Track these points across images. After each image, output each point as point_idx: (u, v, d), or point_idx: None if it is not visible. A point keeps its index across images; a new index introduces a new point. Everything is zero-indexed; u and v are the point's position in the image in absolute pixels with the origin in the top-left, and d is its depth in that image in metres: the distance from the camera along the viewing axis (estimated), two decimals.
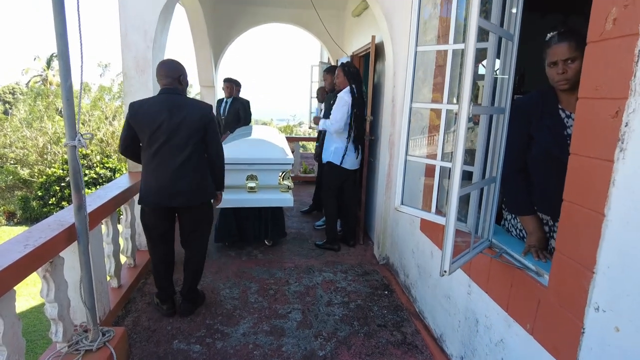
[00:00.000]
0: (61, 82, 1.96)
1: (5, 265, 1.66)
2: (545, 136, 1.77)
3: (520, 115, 1.85)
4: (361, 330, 2.78)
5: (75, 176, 2.07)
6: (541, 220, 1.90)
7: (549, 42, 1.72)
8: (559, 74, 1.70)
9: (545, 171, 1.81)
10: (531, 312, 1.68)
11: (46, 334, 6.13)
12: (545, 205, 1.85)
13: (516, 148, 1.88)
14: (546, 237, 1.88)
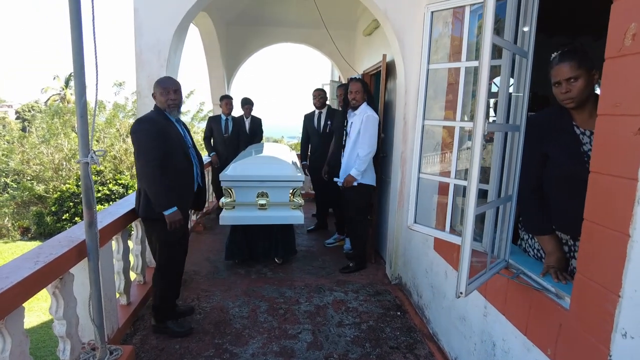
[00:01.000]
0: (76, 99, 1.99)
1: (14, 282, 1.65)
2: (561, 153, 1.73)
3: (535, 132, 1.82)
4: (373, 352, 2.70)
5: (87, 193, 2.08)
6: (560, 239, 1.84)
7: (552, 63, 1.71)
8: (562, 93, 1.69)
9: (562, 189, 1.76)
10: (552, 337, 1.61)
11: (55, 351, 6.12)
12: (564, 224, 1.80)
13: (531, 166, 1.84)
14: (566, 258, 1.82)
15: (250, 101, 6.03)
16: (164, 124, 2.62)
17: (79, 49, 1.93)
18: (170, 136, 2.63)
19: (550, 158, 1.78)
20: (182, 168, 2.69)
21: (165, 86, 2.68)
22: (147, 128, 2.56)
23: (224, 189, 3.67)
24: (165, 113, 2.70)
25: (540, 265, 1.90)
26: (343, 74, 7.39)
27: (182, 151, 2.69)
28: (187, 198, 2.78)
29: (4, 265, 1.82)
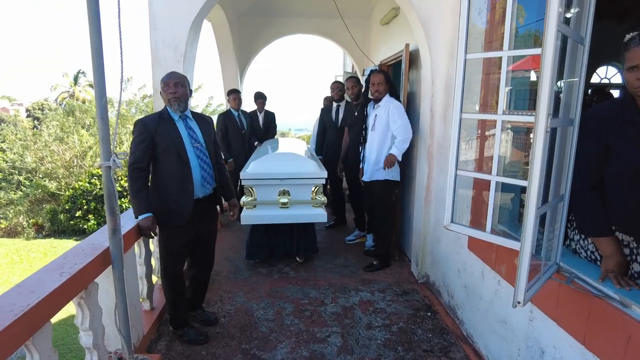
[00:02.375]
0: (96, 100, 1.88)
1: (41, 297, 1.56)
2: (628, 147, 1.58)
3: (597, 125, 1.66)
4: (406, 356, 2.59)
5: (110, 198, 1.99)
6: (620, 241, 1.70)
7: (628, 45, 1.52)
8: (638, 79, 1.51)
9: (628, 186, 1.61)
10: (618, 349, 1.49)
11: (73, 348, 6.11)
12: (627, 225, 1.65)
13: (592, 162, 1.68)
14: (627, 261, 1.68)
15: (263, 95, 5.91)
16: (156, 125, 2.44)
17: (99, 51, 1.82)
18: (162, 137, 2.44)
19: (614, 153, 1.62)
20: (173, 171, 2.48)
21: (165, 81, 2.50)
22: (135, 132, 2.44)
23: (244, 187, 3.56)
24: (168, 111, 2.55)
25: (596, 268, 1.77)
26: (358, 64, 7.22)
27: (176, 153, 2.46)
28: (182, 203, 2.50)
29: (28, 278, 1.75)
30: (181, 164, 2.46)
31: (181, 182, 2.48)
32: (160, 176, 2.49)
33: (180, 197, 2.48)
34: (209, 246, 2.83)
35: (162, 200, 2.50)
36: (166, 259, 2.62)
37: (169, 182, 2.48)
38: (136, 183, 2.41)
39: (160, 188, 2.50)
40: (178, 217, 2.50)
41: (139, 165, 2.38)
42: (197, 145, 2.54)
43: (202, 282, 2.92)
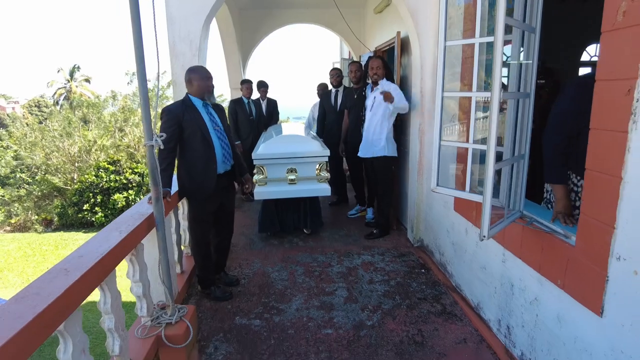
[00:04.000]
0: (139, 91, 2.29)
1: (110, 247, 1.99)
2: None
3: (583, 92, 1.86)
4: (403, 303, 3.05)
5: (153, 172, 2.40)
6: (569, 189, 2.11)
7: None
8: None
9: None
10: (561, 270, 1.92)
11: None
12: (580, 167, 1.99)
13: (568, 123, 2.01)
14: (571, 204, 2.10)
15: (265, 84, 6.29)
16: (182, 112, 2.85)
17: (140, 46, 2.21)
18: (188, 122, 2.85)
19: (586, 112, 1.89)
20: (200, 151, 2.89)
21: (205, 74, 2.94)
22: (164, 117, 2.83)
23: (256, 166, 3.98)
24: (190, 99, 2.95)
25: (549, 213, 2.20)
26: (354, 51, 7.58)
27: (201, 135, 2.88)
28: (208, 178, 2.91)
29: (95, 236, 2.17)
30: (206, 145, 2.88)
31: (206, 160, 2.90)
32: (188, 156, 2.90)
33: (206, 173, 2.90)
34: (230, 216, 3.26)
35: (190, 176, 2.92)
36: (196, 228, 3.05)
37: (196, 160, 2.89)
38: (164, 161, 2.80)
39: (188, 166, 2.91)
40: (204, 190, 2.92)
41: (167, 145, 2.77)
42: (217, 128, 2.96)
43: (225, 247, 3.35)
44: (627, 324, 1.56)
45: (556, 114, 2.11)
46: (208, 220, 3.05)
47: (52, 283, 1.64)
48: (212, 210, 3.02)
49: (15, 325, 1.33)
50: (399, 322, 2.80)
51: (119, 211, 15.86)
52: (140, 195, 16.10)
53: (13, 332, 1.29)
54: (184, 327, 2.55)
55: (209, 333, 2.78)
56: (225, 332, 2.77)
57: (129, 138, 16.99)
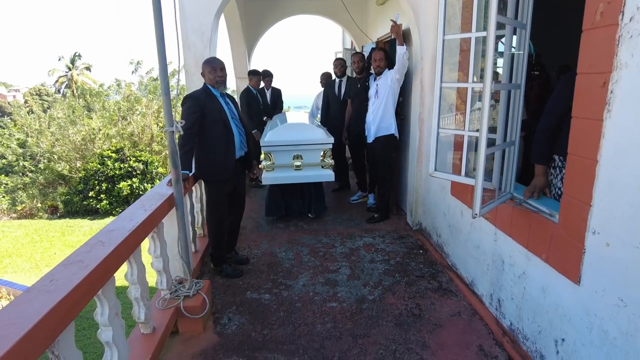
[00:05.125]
0: (161, 81, 2.48)
1: (138, 222, 2.20)
2: None
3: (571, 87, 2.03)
4: (402, 280, 3.27)
5: (173, 156, 2.61)
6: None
7: None
8: None
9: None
10: (545, 245, 2.13)
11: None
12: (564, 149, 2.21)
13: (557, 111, 2.22)
14: (548, 183, 2.33)
15: (270, 73, 6.46)
16: (204, 100, 3.07)
17: (161, 38, 2.40)
18: (210, 110, 3.08)
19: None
20: (220, 137, 3.13)
21: (213, 65, 3.14)
22: (188, 104, 3.04)
23: (264, 153, 4.18)
24: (210, 89, 3.15)
25: (544, 200, 2.40)
26: (356, 42, 7.72)
27: (222, 122, 3.12)
28: (227, 163, 3.17)
29: (123, 213, 2.38)
30: (226, 132, 3.11)
31: (226, 146, 3.13)
32: (209, 142, 3.10)
33: (226, 157, 3.14)
34: (242, 198, 3.49)
35: (210, 161, 3.14)
36: (212, 209, 3.26)
37: (217, 146, 3.11)
38: (186, 145, 3.00)
39: (209, 152, 3.12)
40: (223, 173, 3.14)
41: (190, 131, 2.97)
42: (234, 117, 3.20)
43: (236, 228, 3.57)
44: (599, 290, 1.77)
45: (547, 106, 2.32)
46: (224, 202, 3.26)
47: (91, 253, 1.85)
48: (228, 192, 3.24)
49: (68, 285, 1.54)
50: (398, 297, 3.02)
51: (123, 199, 16.10)
52: (144, 183, 16.31)
53: (69, 288, 1.50)
54: (201, 299, 2.77)
55: (222, 306, 3.00)
56: (238, 305, 3.00)
57: (132, 127, 17.14)
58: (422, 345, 2.50)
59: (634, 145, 1.57)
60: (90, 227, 15.68)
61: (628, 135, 1.59)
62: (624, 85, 1.61)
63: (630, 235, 1.59)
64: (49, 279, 1.59)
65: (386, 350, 2.45)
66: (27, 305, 1.40)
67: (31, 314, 1.35)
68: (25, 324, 1.29)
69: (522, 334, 2.38)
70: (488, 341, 2.54)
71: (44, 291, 1.50)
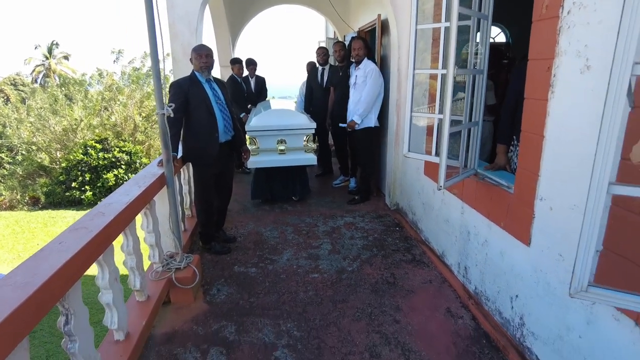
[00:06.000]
0: (152, 68, 2.65)
1: (134, 197, 2.38)
2: None
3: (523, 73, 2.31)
4: (379, 253, 3.52)
5: (164, 137, 2.79)
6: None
7: None
8: None
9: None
10: (503, 214, 2.39)
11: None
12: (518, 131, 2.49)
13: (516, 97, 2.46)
14: (508, 161, 2.59)
15: (254, 61, 6.60)
16: (188, 86, 3.21)
17: (152, 25, 2.56)
18: (194, 96, 3.22)
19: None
20: (204, 122, 3.26)
21: (199, 52, 3.29)
22: (172, 90, 3.20)
23: (249, 138, 4.36)
24: (196, 75, 3.31)
25: (500, 172, 2.66)
26: (339, 31, 7.90)
27: (205, 108, 3.25)
28: (211, 147, 3.30)
29: (119, 188, 2.55)
30: (209, 116, 3.25)
31: (209, 130, 3.28)
32: (193, 127, 3.26)
33: (209, 141, 3.29)
34: (230, 180, 3.67)
35: (195, 144, 3.30)
36: (201, 189, 3.44)
37: (200, 130, 3.27)
38: (172, 129, 3.16)
39: (194, 136, 3.28)
40: (208, 156, 3.31)
41: (175, 115, 3.14)
42: (220, 102, 3.34)
43: (224, 209, 3.76)
44: (545, 249, 2.04)
45: (507, 90, 2.58)
46: (211, 183, 3.43)
47: (93, 221, 2.03)
48: (214, 174, 3.41)
49: (76, 246, 1.72)
50: (375, 268, 3.28)
51: (108, 190, 16.01)
52: (129, 173, 16.25)
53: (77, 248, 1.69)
54: (191, 271, 2.97)
55: (211, 279, 3.21)
56: (226, 278, 3.21)
57: (115, 117, 17.00)
58: (395, 308, 2.75)
59: (570, 122, 1.82)
60: (74, 218, 15.58)
61: (566, 113, 1.85)
62: (563, 69, 1.86)
63: (567, 199, 1.85)
64: (59, 241, 1.78)
65: (363, 313, 2.70)
66: (42, 261, 1.59)
67: (47, 267, 1.54)
68: (43, 274, 1.48)
69: (485, 295, 2.66)
70: (455, 304, 2.81)
71: (56, 251, 1.68)
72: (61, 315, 1.72)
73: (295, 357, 2.31)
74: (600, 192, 1.14)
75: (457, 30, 2.13)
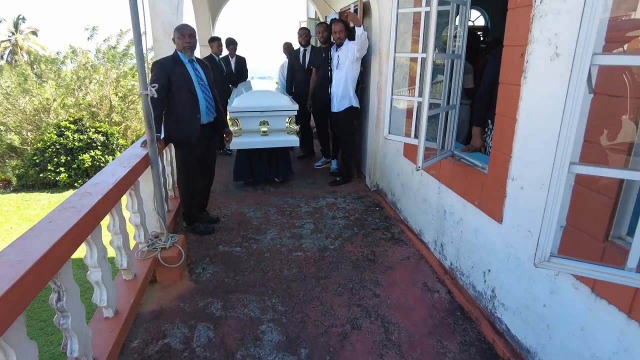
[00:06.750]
0: (135, 48, 2.63)
1: (120, 177, 2.40)
2: None
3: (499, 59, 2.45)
4: (360, 232, 3.64)
5: (148, 117, 2.80)
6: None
7: None
8: None
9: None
10: (478, 193, 2.52)
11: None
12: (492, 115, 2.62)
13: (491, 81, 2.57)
14: (483, 143, 2.72)
15: (234, 41, 6.52)
16: (171, 66, 3.21)
17: (135, 9, 2.54)
18: (176, 76, 3.22)
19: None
20: (186, 102, 3.26)
21: (182, 31, 3.27)
22: (154, 70, 3.20)
23: (231, 119, 4.38)
24: (178, 55, 3.30)
25: (476, 154, 2.79)
26: (320, 12, 7.86)
27: (187, 88, 3.25)
28: (193, 127, 3.30)
29: (104, 169, 2.57)
30: (191, 97, 3.25)
31: (191, 111, 3.28)
32: (175, 107, 3.26)
33: (191, 122, 3.29)
34: (212, 162, 3.69)
35: (177, 125, 3.30)
36: (183, 171, 3.46)
37: (182, 111, 3.27)
38: (155, 109, 3.16)
39: (175, 116, 3.28)
40: (190, 137, 3.32)
41: (158, 95, 3.13)
42: (202, 83, 3.33)
43: (207, 190, 3.80)
44: (515, 226, 2.18)
45: (483, 75, 2.69)
46: (193, 164, 3.45)
47: (81, 201, 2.06)
48: (197, 155, 3.43)
49: (66, 225, 1.76)
50: (356, 246, 3.40)
51: (83, 171, 15.67)
52: (106, 155, 15.91)
53: (68, 227, 1.73)
54: (177, 250, 3.03)
55: (196, 258, 3.27)
56: (211, 257, 3.28)
57: (91, 96, 16.52)
58: (375, 283, 2.88)
59: (539, 106, 1.94)
60: (49, 201, 15.23)
61: (536, 98, 1.96)
62: (535, 56, 1.96)
63: (536, 179, 1.99)
64: (48, 220, 1.81)
65: (344, 288, 2.83)
66: (34, 239, 1.63)
67: (39, 245, 1.58)
68: (37, 252, 1.52)
69: (460, 270, 2.81)
70: (432, 279, 2.97)
71: (47, 230, 1.72)
72: (53, 292, 1.76)
73: (280, 331, 2.42)
74: (562, 170, 1.25)
75: (436, 15, 2.20)
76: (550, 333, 1.93)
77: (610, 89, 1.52)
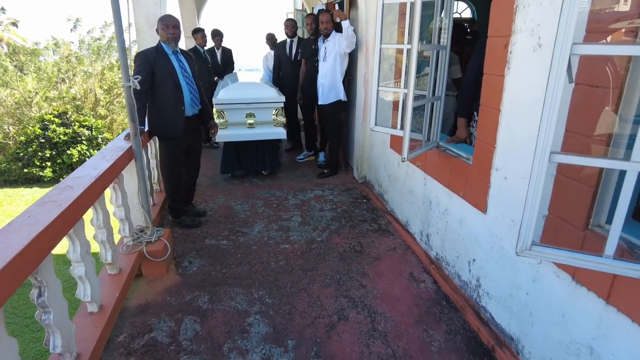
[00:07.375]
0: (117, 38, 2.58)
1: (102, 171, 2.37)
2: None
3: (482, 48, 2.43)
4: (347, 224, 3.65)
5: (131, 110, 2.75)
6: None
7: None
8: None
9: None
10: (463, 184, 2.54)
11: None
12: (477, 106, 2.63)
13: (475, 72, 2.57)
14: (469, 134, 2.73)
15: (220, 33, 6.43)
16: (155, 57, 3.16)
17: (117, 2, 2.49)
18: (160, 67, 3.17)
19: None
20: (170, 94, 3.21)
21: (166, 22, 3.22)
22: (138, 61, 3.14)
23: (217, 111, 4.33)
24: (162, 46, 3.25)
25: (461, 145, 2.81)
26: (307, 3, 7.79)
27: (171, 80, 3.20)
28: (177, 120, 3.25)
29: (87, 162, 2.52)
30: (175, 89, 3.20)
31: (175, 103, 3.23)
32: (159, 99, 3.21)
33: (175, 114, 3.25)
34: (198, 155, 3.65)
35: (161, 117, 3.26)
36: (168, 164, 3.42)
37: (166, 103, 3.22)
38: (138, 101, 3.11)
39: (159, 108, 3.24)
40: (174, 130, 3.27)
41: (141, 87, 3.08)
42: (186, 74, 3.28)
43: (193, 183, 3.77)
44: (499, 215, 2.20)
45: (468, 66, 2.69)
46: (178, 157, 3.41)
47: (62, 195, 2.02)
48: (182, 148, 3.39)
49: (46, 219, 1.73)
50: (343, 237, 3.41)
51: (69, 166, 15.41)
52: (91, 149, 15.65)
53: (48, 221, 1.70)
54: (162, 244, 3.00)
55: (183, 252, 3.25)
56: (198, 251, 3.25)
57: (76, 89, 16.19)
58: (362, 274, 2.90)
59: (523, 97, 1.95)
60: (33, 197, 14.95)
61: (519, 88, 1.97)
62: (518, 47, 1.97)
63: (520, 169, 2.00)
64: (27, 215, 1.77)
65: (332, 279, 2.84)
66: (13, 234, 1.59)
67: (18, 240, 1.55)
68: (15, 246, 1.49)
69: (445, 260, 2.84)
70: (418, 269, 2.99)
71: (25, 224, 1.68)
72: (34, 287, 1.74)
73: (267, 323, 2.42)
74: (543, 159, 1.27)
75: (421, 7, 2.20)
76: (533, 320, 1.97)
77: (592, 79, 1.53)
